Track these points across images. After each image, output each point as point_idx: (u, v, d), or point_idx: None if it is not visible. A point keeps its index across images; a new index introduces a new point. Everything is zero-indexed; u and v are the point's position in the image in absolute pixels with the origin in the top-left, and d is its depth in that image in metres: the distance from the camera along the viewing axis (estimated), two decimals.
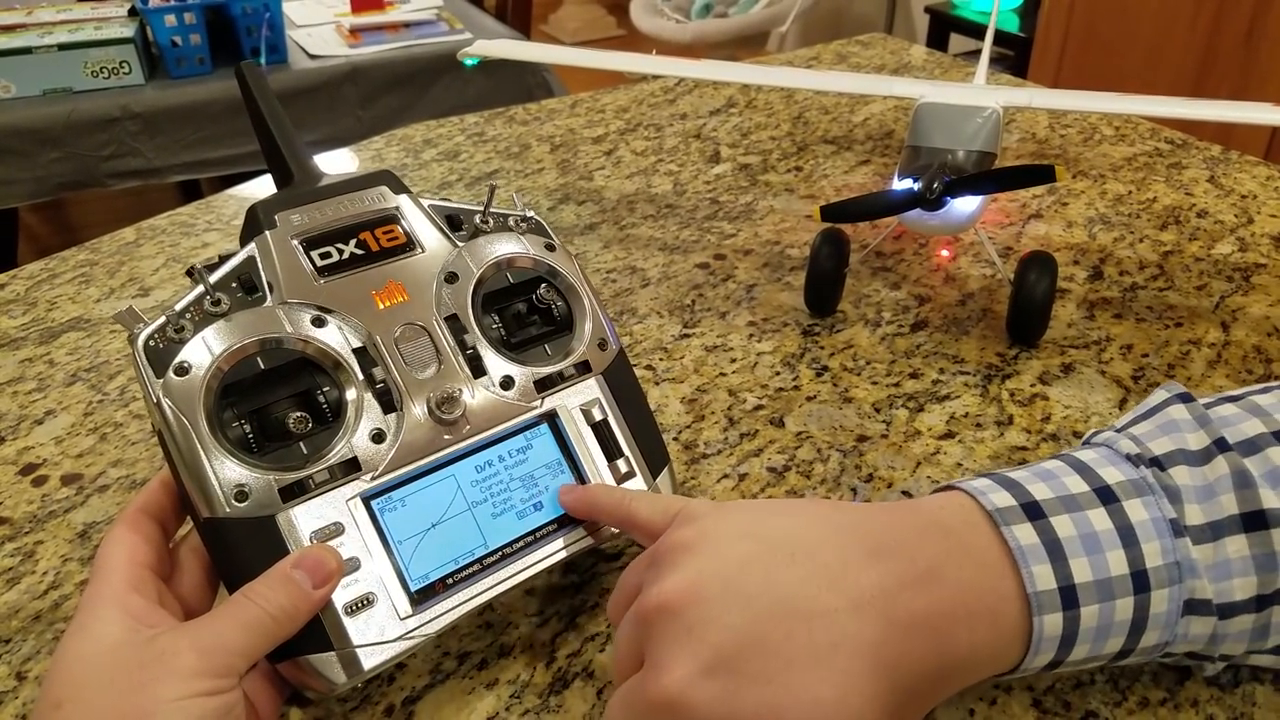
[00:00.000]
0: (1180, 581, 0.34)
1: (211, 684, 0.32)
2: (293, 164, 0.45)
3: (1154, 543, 0.34)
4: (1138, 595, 0.34)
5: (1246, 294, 0.65)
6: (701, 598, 0.32)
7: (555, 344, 0.44)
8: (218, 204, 0.85)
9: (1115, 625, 0.34)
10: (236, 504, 0.35)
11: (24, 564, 0.47)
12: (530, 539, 0.40)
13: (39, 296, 0.71)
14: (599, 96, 1.05)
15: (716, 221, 0.77)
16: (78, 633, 0.33)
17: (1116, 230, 0.74)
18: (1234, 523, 0.34)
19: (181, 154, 1.64)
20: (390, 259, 0.42)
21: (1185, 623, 0.35)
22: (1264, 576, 0.34)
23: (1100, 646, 0.34)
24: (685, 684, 0.30)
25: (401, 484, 0.38)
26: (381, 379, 0.39)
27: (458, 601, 0.38)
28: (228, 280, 0.39)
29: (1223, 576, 0.34)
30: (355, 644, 0.35)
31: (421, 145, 0.94)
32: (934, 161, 0.57)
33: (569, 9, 4.12)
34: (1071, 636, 0.34)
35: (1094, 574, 0.34)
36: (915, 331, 0.62)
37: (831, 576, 0.32)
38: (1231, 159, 0.85)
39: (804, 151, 0.90)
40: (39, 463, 0.54)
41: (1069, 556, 0.34)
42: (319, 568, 0.35)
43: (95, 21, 1.66)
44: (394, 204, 0.43)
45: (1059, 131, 0.92)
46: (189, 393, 0.36)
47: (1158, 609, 0.34)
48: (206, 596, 0.39)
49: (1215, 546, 0.34)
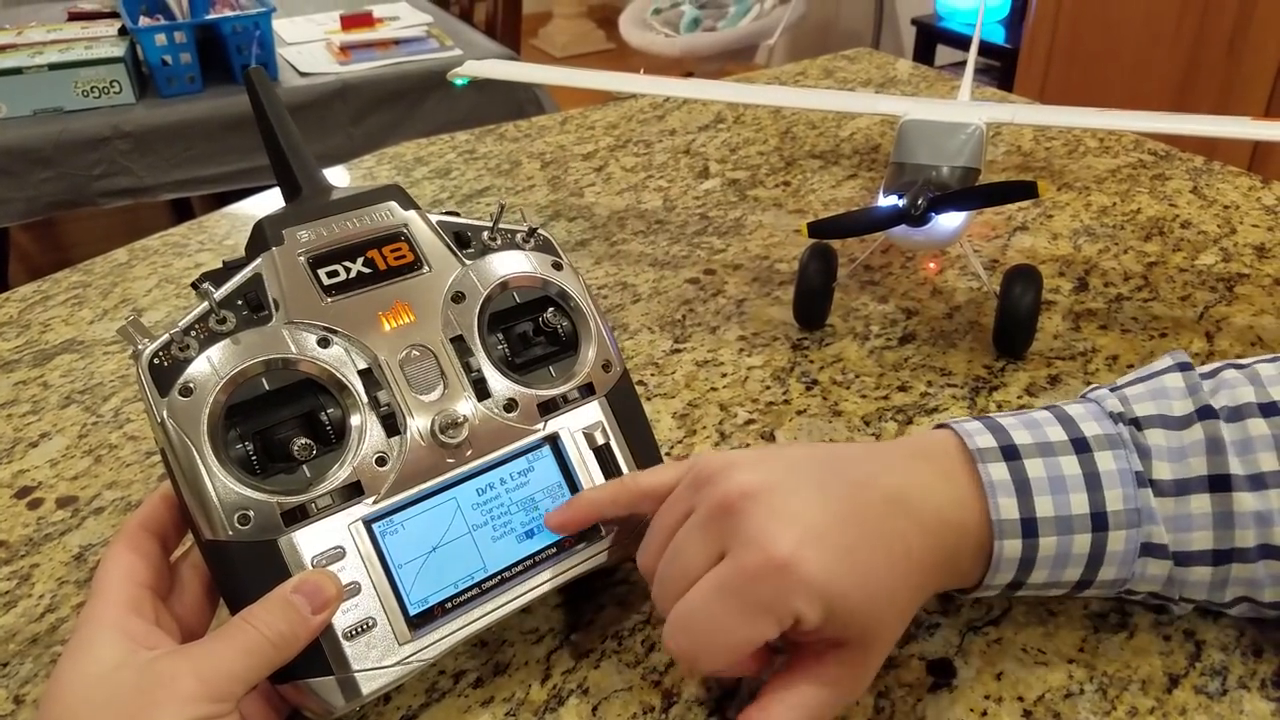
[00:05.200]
0: (1138, 526, 0.38)
1: (210, 709, 0.32)
2: (300, 176, 0.44)
3: (1117, 490, 0.38)
4: (1095, 533, 0.38)
5: (1230, 304, 0.66)
6: (776, 485, 0.36)
7: (559, 365, 0.44)
8: (210, 224, 0.85)
9: (1073, 557, 0.38)
10: (239, 526, 0.35)
11: (20, 587, 0.48)
12: (530, 563, 0.40)
13: (32, 319, 0.71)
14: (589, 113, 1.06)
15: (706, 237, 0.78)
16: (76, 653, 0.33)
17: (1101, 242, 0.75)
18: (1200, 483, 0.38)
19: (173, 172, 1.64)
20: (398, 278, 0.41)
21: (1143, 563, 0.38)
22: (1221, 533, 0.38)
23: (1059, 574, 0.38)
24: (795, 546, 0.34)
25: (402, 507, 0.38)
26: (386, 402, 0.39)
27: (456, 627, 0.38)
28: (233, 297, 0.38)
29: (1182, 529, 0.38)
30: (354, 669, 0.36)
31: (412, 163, 0.95)
32: (918, 178, 0.58)
33: (559, 24, 4.14)
34: (1030, 561, 0.38)
35: (1055, 510, 0.38)
36: (903, 344, 0.63)
37: (868, 473, 0.38)
38: (1214, 170, 0.86)
39: (792, 166, 0.90)
40: (34, 485, 0.54)
41: (1034, 494, 0.38)
42: (317, 593, 0.35)
43: (85, 41, 1.66)
44: (402, 220, 0.42)
45: (1044, 144, 0.93)
46: (193, 413, 0.35)
47: (1115, 547, 0.38)
48: (205, 614, 0.39)
49: (1178, 501, 0.38)
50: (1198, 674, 0.40)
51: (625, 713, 0.40)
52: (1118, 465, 0.38)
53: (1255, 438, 0.38)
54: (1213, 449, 0.38)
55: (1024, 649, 0.41)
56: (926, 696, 0.40)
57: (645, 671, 0.41)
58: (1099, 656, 0.41)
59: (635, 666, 0.42)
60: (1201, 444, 0.39)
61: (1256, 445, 0.38)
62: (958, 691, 0.40)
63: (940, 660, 0.41)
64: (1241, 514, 0.38)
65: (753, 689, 0.40)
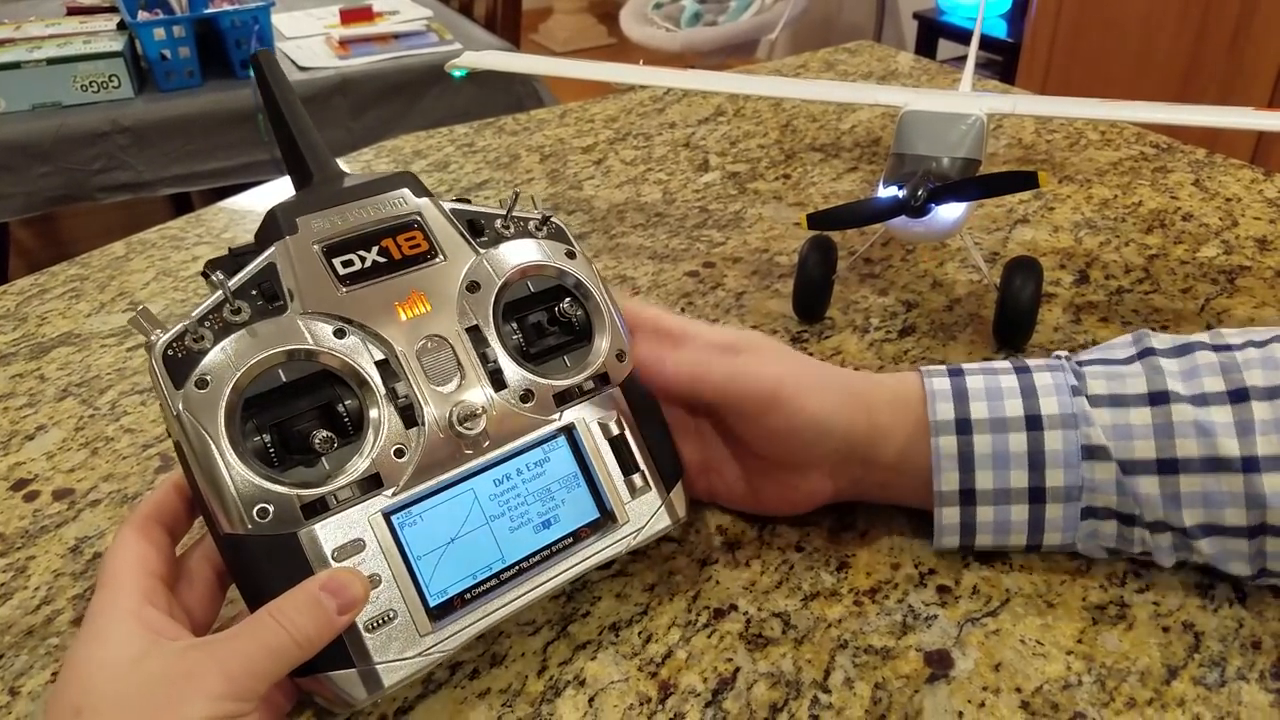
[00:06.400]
0: (1075, 428, 0.40)
1: (234, 707, 0.32)
2: (311, 162, 0.43)
3: (1052, 398, 0.40)
4: (1030, 432, 0.40)
5: (1231, 296, 0.66)
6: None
7: (574, 355, 0.44)
8: (207, 217, 0.85)
9: (1013, 456, 0.40)
10: (259, 520, 0.35)
11: (16, 579, 0.47)
12: (547, 553, 0.40)
13: (29, 312, 0.71)
14: (588, 106, 1.06)
15: (705, 230, 0.78)
16: (92, 642, 0.33)
17: (1102, 234, 0.74)
18: (1139, 399, 0.40)
19: (172, 167, 1.64)
20: (413, 268, 0.41)
21: (1089, 467, 0.40)
22: (1162, 442, 0.39)
23: (1004, 477, 0.41)
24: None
25: (421, 499, 0.38)
26: (404, 394, 0.38)
27: (476, 618, 0.38)
28: (247, 287, 0.38)
29: (1123, 437, 0.40)
30: (375, 661, 0.35)
31: (411, 156, 0.95)
32: (918, 169, 0.57)
33: (559, 19, 4.14)
34: (969, 458, 0.41)
35: (990, 414, 0.41)
36: (903, 337, 0.63)
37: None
38: (1216, 162, 0.85)
39: (792, 159, 0.90)
40: (30, 478, 0.54)
41: (970, 399, 0.41)
42: (343, 591, 0.34)
43: (84, 35, 1.66)
44: (416, 208, 0.42)
45: (1045, 136, 0.93)
46: (210, 405, 0.35)
47: (1053, 446, 0.40)
48: (214, 606, 0.39)
49: (1114, 412, 0.40)
50: (1196, 665, 0.40)
51: (622, 704, 0.39)
52: (1054, 380, 0.41)
53: (1201, 365, 0.40)
54: (1151, 370, 0.40)
55: (1022, 640, 0.41)
56: (924, 688, 0.39)
57: (642, 663, 0.41)
58: (1097, 648, 0.41)
59: (632, 658, 0.41)
60: (1140, 369, 0.41)
61: (1202, 372, 0.40)
62: (955, 683, 0.39)
63: (938, 652, 0.41)
64: (1181, 423, 0.39)
65: (751, 684, 0.40)
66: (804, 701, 0.39)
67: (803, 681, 0.40)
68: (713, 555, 0.46)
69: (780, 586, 0.44)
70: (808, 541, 0.47)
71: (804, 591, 0.44)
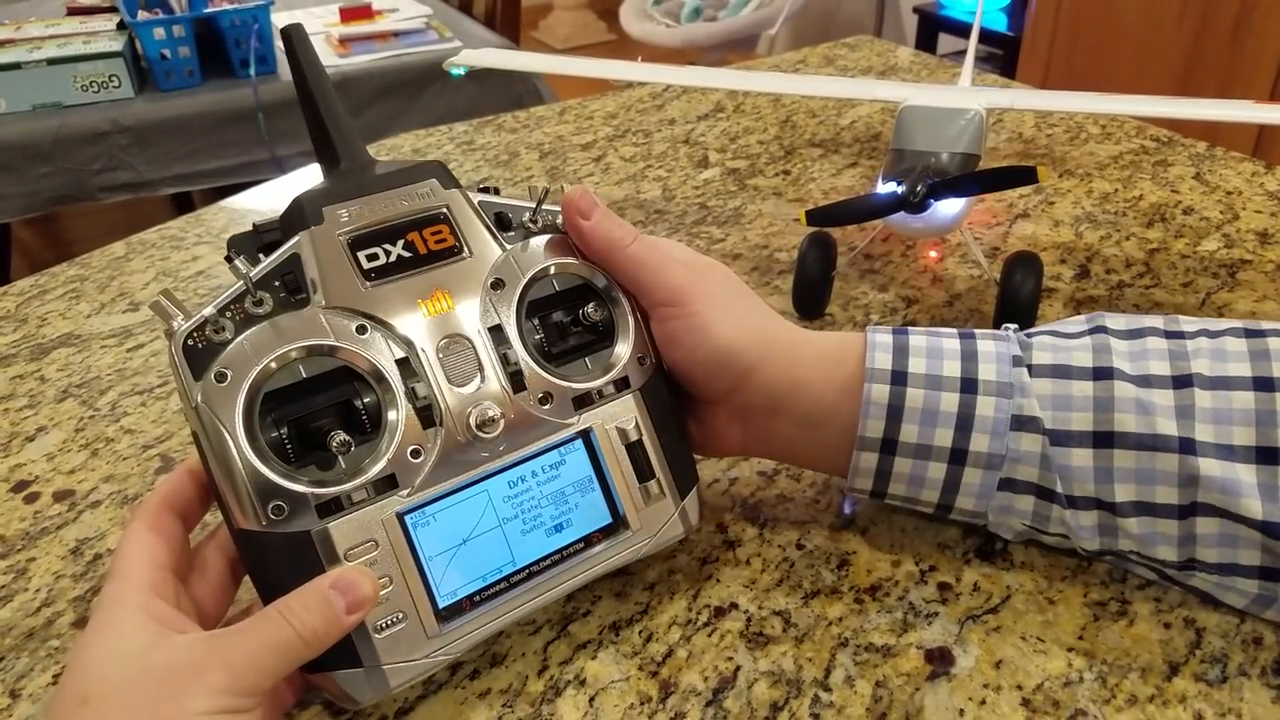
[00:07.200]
0: (1010, 397, 0.40)
1: (237, 701, 0.32)
2: (340, 146, 0.42)
3: (991, 365, 0.40)
4: (964, 394, 0.40)
5: (1232, 290, 0.66)
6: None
7: (595, 357, 0.43)
8: (207, 217, 0.85)
9: (941, 415, 0.40)
10: (274, 517, 0.34)
11: (17, 581, 0.47)
12: (558, 557, 0.40)
13: (29, 313, 0.71)
14: (587, 103, 1.06)
15: (705, 226, 0.78)
16: (101, 633, 0.33)
17: (1103, 228, 0.74)
18: (1083, 372, 0.40)
19: (173, 166, 1.64)
20: (438, 263, 0.40)
21: (1015, 438, 0.40)
22: (1100, 415, 0.39)
23: (929, 434, 0.40)
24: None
25: (435, 500, 0.38)
26: (424, 395, 0.38)
27: (484, 620, 0.38)
28: (270, 278, 0.37)
29: (1062, 408, 0.39)
30: (383, 662, 0.35)
31: (410, 154, 0.94)
32: (917, 164, 0.57)
33: (559, 15, 4.13)
34: (898, 410, 0.40)
35: (927, 370, 0.40)
36: None
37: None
38: (1217, 156, 0.85)
39: (792, 155, 0.90)
40: (31, 479, 0.54)
41: (910, 354, 0.41)
42: (353, 590, 0.34)
43: (84, 36, 1.66)
44: (444, 201, 0.41)
45: (1045, 130, 0.92)
46: (229, 398, 0.35)
47: (984, 411, 0.40)
48: (226, 597, 0.39)
49: (1056, 383, 0.40)
50: (1198, 661, 0.40)
51: (622, 703, 0.39)
52: (996, 349, 0.41)
53: (1150, 349, 0.40)
54: (1100, 348, 0.40)
55: (1023, 637, 0.41)
56: (925, 685, 0.39)
57: (642, 662, 0.41)
58: (1098, 644, 0.41)
59: (632, 657, 0.41)
60: (1089, 344, 0.40)
61: (1150, 355, 0.39)
62: (956, 680, 0.39)
63: (939, 649, 0.41)
64: (1123, 399, 0.38)
65: (752, 683, 0.40)
66: (805, 700, 0.39)
67: (803, 680, 0.40)
68: (713, 554, 0.46)
69: (780, 584, 0.44)
70: (808, 539, 0.47)
71: (804, 589, 0.44)
